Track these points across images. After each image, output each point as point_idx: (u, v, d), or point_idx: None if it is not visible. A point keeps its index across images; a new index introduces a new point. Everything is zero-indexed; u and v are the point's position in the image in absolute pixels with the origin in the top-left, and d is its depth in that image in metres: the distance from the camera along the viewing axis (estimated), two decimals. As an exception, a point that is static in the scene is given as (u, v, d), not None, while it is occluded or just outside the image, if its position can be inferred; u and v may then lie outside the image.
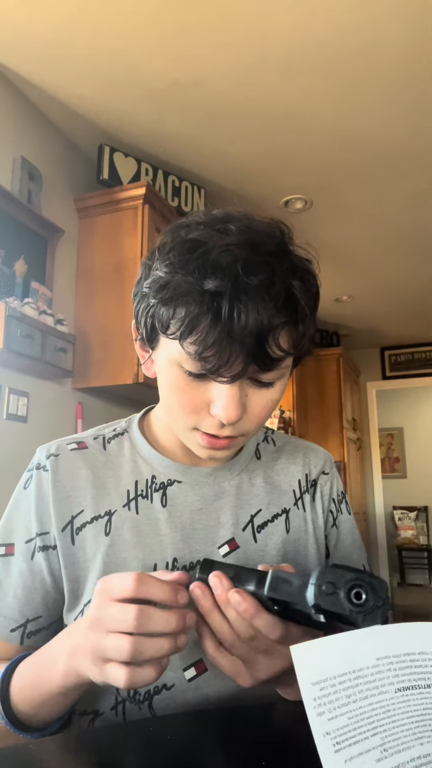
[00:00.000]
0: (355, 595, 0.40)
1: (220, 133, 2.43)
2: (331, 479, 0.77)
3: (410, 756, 0.34)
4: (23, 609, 0.64)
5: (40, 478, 0.66)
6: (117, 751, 0.50)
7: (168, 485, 0.68)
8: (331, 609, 0.40)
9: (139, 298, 0.61)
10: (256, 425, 0.60)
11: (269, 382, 0.58)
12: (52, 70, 2.07)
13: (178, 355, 0.56)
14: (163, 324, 0.56)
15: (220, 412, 0.56)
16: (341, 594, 0.41)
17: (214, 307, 0.52)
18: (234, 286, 0.52)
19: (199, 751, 0.48)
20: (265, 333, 0.53)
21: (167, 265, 0.55)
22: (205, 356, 0.53)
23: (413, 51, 1.96)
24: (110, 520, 0.65)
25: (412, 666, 0.37)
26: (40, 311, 2.02)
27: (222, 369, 0.53)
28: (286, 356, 0.56)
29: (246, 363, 0.54)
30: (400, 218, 3.13)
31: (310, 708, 0.34)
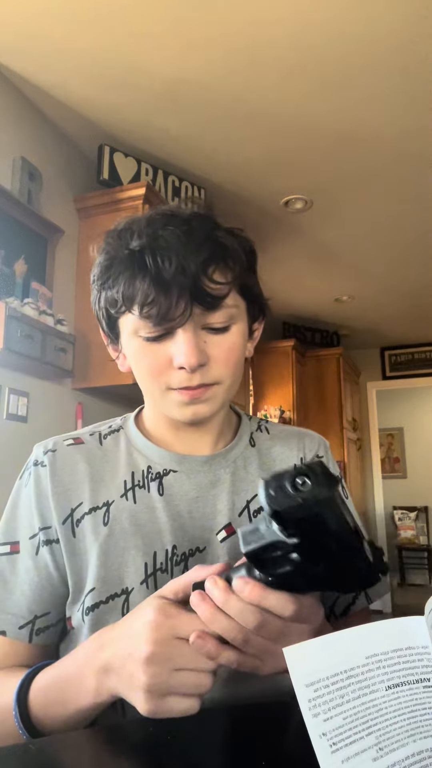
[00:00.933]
0: (300, 483, 0.39)
1: (220, 133, 2.43)
2: (327, 463, 0.77)
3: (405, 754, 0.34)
4: (31, 606, 0.64)
5: (38, 474, 0.67)
6: (117, 751, 0.50)
7: (164, 475, 0.69)
8: (286, 506, 0.39)
9: (94, 299, 0.67)
10: (225, 370, 0.63)
11: (222, 326, 0.62)
12: (52, 70, 2.07)
13: (133, 325, 0.61)
14: (112, 303, 0.62)
15: (182, 360, 0.59)
16: (288, 489, 0.40)
17: (140, 263, 0.58)
18: (153, 239, 0.58)
19: (199, 751, 0.48)
20: (195, 270, 0.57)
21: (102, 252, 0.64)
22: (148, 311, 0.58)
23: (413, 51, 1.96)
24: (108, 510, 0.66)
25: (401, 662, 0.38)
26: (40, 311, 2.02)
27: (167, 316, 0.58)
28: (224, 290, 0.60)
29: (187, 303, 0.58)
30: (400, 218, 3.13)
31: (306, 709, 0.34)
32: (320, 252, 3.55)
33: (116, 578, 0.63)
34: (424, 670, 0.38)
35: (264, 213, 3.05)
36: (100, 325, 0.69)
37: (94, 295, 0.66)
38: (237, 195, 2.89)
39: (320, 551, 0.44)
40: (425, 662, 0.38)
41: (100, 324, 0.68)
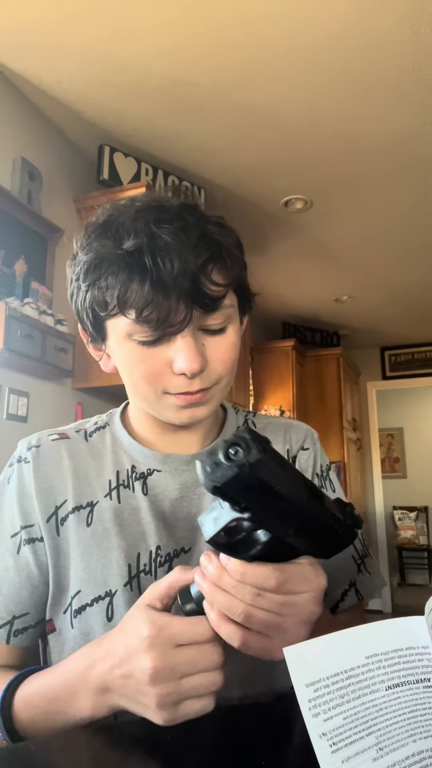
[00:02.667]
0: (233, 453, 0.39)
1: (220, 133, 2.43)
2: (313, 454, 0.75)
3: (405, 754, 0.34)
4: (9, 606, 0.62)
5: (21, 470, 0.66)
6: (117, 751, 0.50)
7: (148, 474, 0.68)
8: (223, 480, 0.38)
9: (74, 296, 0.62)
10: (224, 371, 0.61)
11: (220, 327, 0.60)
12: (52, 70, 2.07)
13: (126, 328, 0.57)
14: (101, 305, 0.58)
15: (183, 365, 0.57)
16: (223, 462, 0.39)
17: (138, 264, 0.54)
18: (150, 239, 0.54)
19: (199, 751, 0.48)
20: (195, 272, 0.55)
21: (87, 250, 0.59)
22: (147, 316, 0.54)
23: (414, 51, 1.96)
24: (92, 510, 0.64)
25: (401, 662, 0.38)
26: (40, 311, 2.02)
27: (168, 320, 0.55)
28: (223, 291, 0.58)
29: (188, 307, 0.55)
30: (400, 218, 3.13)
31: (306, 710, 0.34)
32: (320, 252, 3.55)
33: (100, 580, 0.61)
34: (424, 670, 0.38)
35: (264, 213, 3.05)
36: (81, 324, 0.64)
37: (76, 294, 0.62)
38: (237, 195, 2.89)
39: (278, 519, 0.43)
40: (425, 662, 0.38)
41: (82, 323, 0.64)
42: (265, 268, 3.70)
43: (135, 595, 0.61)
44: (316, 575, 0.47)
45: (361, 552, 0.74)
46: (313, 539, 0.46)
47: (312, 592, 0.46)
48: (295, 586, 0.45)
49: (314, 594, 0.46)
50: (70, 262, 0.63)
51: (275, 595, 0.45)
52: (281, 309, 4.60)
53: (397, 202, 2.97)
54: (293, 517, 0.43)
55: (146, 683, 0.45)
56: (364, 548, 0.74)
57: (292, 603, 0.45)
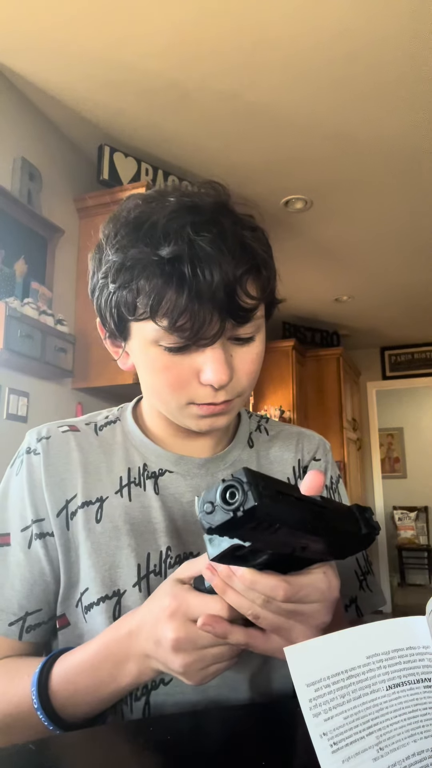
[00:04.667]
0: (230, 495, 0.38)
1: (220, 133, 2.43)
2: (324, 465, 0.75)
3: (405, 754, 0.34)
4: (22, 602, 0.61)
5: (30, 462, 0.64)
6: (117, 751, 0.50)
7: (160, 474, 0.66)
8: (219, 522, 0.38)
9: (98, 292, 0.60)
10: (248, 383, 0.60)
11: (248, 337, 0.59)
12: (52, 70, 2.07)
13: (154, 334, 0.55)
14: (130, 308, 0.55)
15: (212, 377, 0.55)
16: (219, 504, 0.38)
17: (177, 273, 0.52)
18: (190, 247, 0.52)
19: (199, 751, 0.48)
20: (233, 285, 0.53)
21: (118, 248, 0.56)
22: (180, 325, 0.53)
23: (413, 51, 1.96)
24: (101, 506, 0.63)
25: (401, 662, 0.38)
26: (40, 311, 2.02)
27: (201, 332, 0.53)
28: (257, 304, 0.57)
29: (222, 320, 0.54)
30: (400, 218, 3.13)
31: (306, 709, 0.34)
32: (320, 252, 3.55)
33: (107, 579, 0.61)
34: (424, 669, 0.38)
35: (264, 213, 3.04)
36: (101, 319, 0.62)
37: (99, 290, 0.59)
38: (237, 195, 2.87)
39: (282, 546, 0.43)
40: (426, 662, 0.38)
41: (103, 320, 0.61)
42: (265, 268, 3.69)
43: (144, 595, 0.60)
44: (329, 587, 0.46)
45: (364, 569, 0.73)
46: (323, 553, 0.46)
47: (323, 602, 0.46)
48: (306, 597, 0.45)
49: (325, 605, 0.46)
50: (93, 255, 0.61)
51: (284, 603, 0.45)
52: (281, 309, 4.52)
53: (397, 202, 2.97)
54: (298, 543, 0.43)
55: (170, 652, 0.48)
56: (367, 565, 0.74)
57: (301, 612, 0.45)
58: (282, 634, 0.47)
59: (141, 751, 0.48)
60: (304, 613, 0.46)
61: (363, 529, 0.47)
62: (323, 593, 0.46)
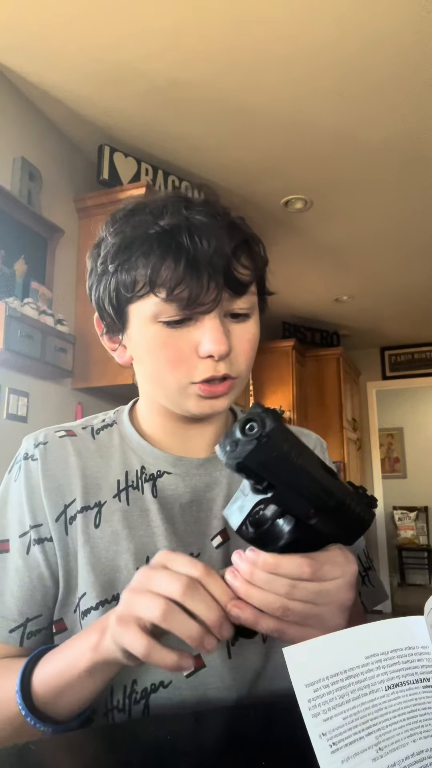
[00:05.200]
0: (249, 428, 0.41)
1: (220, 133, 2.43)
2: None
3: (404, 754, 0.34)
4: (22, 608, 0.61)
5: (29, 468, 0.64)
6: (117, 751, 0.50)
7: (158, 476, 0.66)
8: (244, 454, 0.41)
9: (96, 283, 0.62)
10: (245, 364, 0.62)
11: (244, 313, 0.61)
12: (52, 70, 2.07)
13: (153, 308, 0.57)
14: (129, 287, 0.58)
15: (211, 347, 0.57)
16: (241, 439, 0.41)
17: (174, 242, 0.55)
18: (186, 219, 0.56)
19: (199, 751, 0.48)
20: (228, 254, 0.56)
21: (116, 232, 0.59)
22: (178, 294, 0.55)
23: (413, 51, 1.96)
24: (100, 511, 0.63)
25: (400, 662, 0.38)
26: (40, 311, 2.02)
27: (198, 299, 0.55)
28: (251, 277, 0.60)
29: (219, 288, 0.56)
30: (401, 218, 3.13)
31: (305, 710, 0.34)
32: (320, 252, 3.55)
33: (106, 583, 0.60)
34: (423, 670, 0.38)
35: (264, 213, 3.05)
36: (99, 313, 0.64)
37: (97, 281, 0.62)
38: (237, 195, 2.88)
39: (299, 494, 0.44)
40: (425, 662, 0.38)
41: (101, 312, 0.63)
42: (265, 268, 3.69)
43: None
44: (347, 560, 0.47)
45: (366, 564, 0.73)
46: (335, 520, 0.46)
47: (345, 577, 0.46)
48: (328, 573, 0.46)
49: (347, 579, 0.47)
50: (92, 252, 0.63)
51: (310, 584, 0.45)
52: (281, 309, 4.60)
53: (398, 202, 2.97)
54: (313, 491, 0.44)
55: (125, 591, 0.47)
56: (368, 560, 0.74)
57: (327, 591, 0.45)
58: (312, 622, 0.46)
59: (141, 751, 0.48)
60: (330, 591, 0.45)
61: (364, 498, 0.49)
62: (343, 567, 0.46)
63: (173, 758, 0.46)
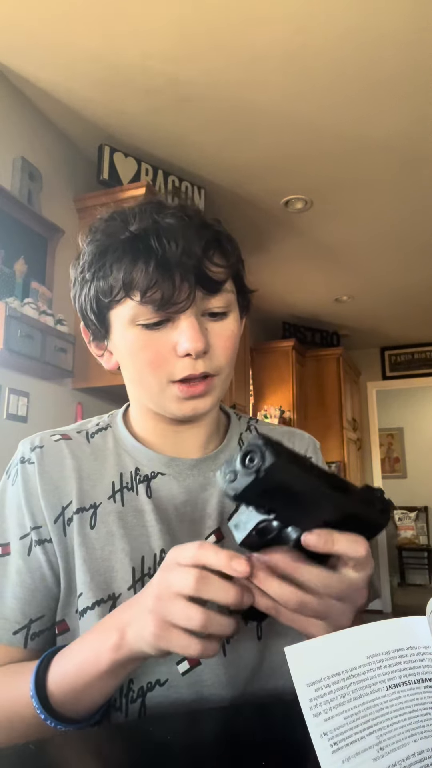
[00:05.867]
0: (249, 460, 0.41)
1: (220, 133, 2.43)
2: (316, 463, 0.76)
3: (405, 754, 0.34)
4: (25, 609, 0.61)
5: (26, 471, 0.65)
6: (117, 751, 0.50)
7: (152, 477, 0.67)
8: (243, 486, 0.40)
9: (78, 291, 0.65)
10: (225, 360, 0.63)
11: (221, 311, 0.62)
12: (52, 70, 2.07)
13: (130, 312, 0.59)
14: (105, 292, 0.60)
15: (187, 345, 0.58)
16: (240, 470, 0.41)
17: (144, 246, 0.57)
18: (155, 223, 0.59)
19: (199, 751, 0.48)
20: (199, 254, 0.58)
21: (91, 241, 0.62)
22: (152, 295, 0.57)
23: (414, 52, 1.96)
24: (95, 513, 0.64)
25: (402, 662, 0.38)
26: (40, 311, 2.02)
27: (172, 299, 0.57)
28: (224, 275, 0.61)
29: (191, 287, 0.57)
30: (401, 218, 3.13)
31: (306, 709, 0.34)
32: (320, 252, 3.55)
33: (102, 583, 0.61)
34: (425, 670, 0.38)
35: (264, 213, 3.05)
36: (84, 322, 0.67)
37: (79, 290, 0.64)
38: (237, 195, 2.88)
39: (304, 516, 0.44)
40: (426, 662, 0.38)
41: (85, 320, 0.66)
42: (265, 268, 3.70)
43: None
44: (368, 558, 0.46)
45: None
46: (345, 528, 0.46)
47: (366, 572, 0.46)
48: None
49: (367, 574, 0.47)
50: (74, 263, 0.65)
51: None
52: (281, 309, 4.60)
53: (398, 202, 2.97)
54: (319, 512, 0.44)
55: (150, 595, 0.47)
56: None
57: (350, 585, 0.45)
58: (321, 617, 0.45)
59: (140, 751, 0.48)
60: (351, 585, 0.45)
61: (377, 504, 0.48)
62: (364, 565, 0.46)
63: (173, 758, 0.46)
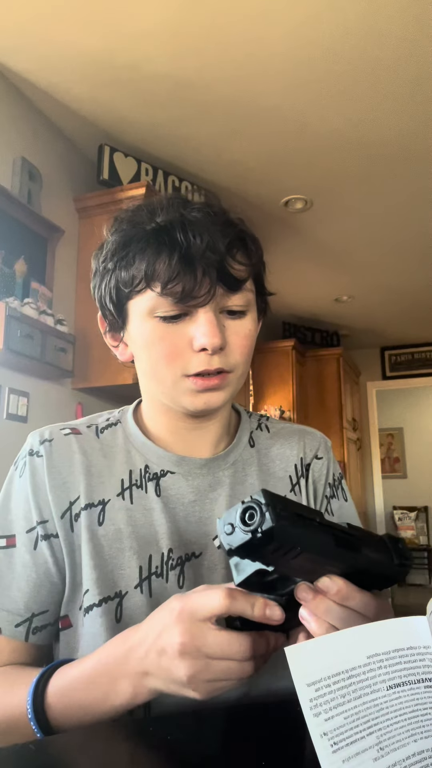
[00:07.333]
0: (249, 516, 0.39)
1: (220, 133, 2.43)
2: (327, 463, 0.75)
3: (405, 754, 0.34)
4: (29, 603, 0.61)
5: (34, 464, 0.65)
6: (117, 751, 0.50)
7: (161, 476, 0.67)
8: (239, 543, 0.38)
9: (99, 281, 0.65)
10: (242, 358, 0.62)
11: (240, 310, 0.62)
12: (52, 70, 2.07)
13: (150, 303, 0.59)
14: (126, 282, 0.60)
15: (204, 340, 0.58)
16: (239, 525, 0.39)
17: (169, 238, 0.57)
18: (182, 216, 0.59)
19: (199, 751, 0.48)
20: (222, 250, 0.58)
21: (116, 231, 0.63)
22: (173, 287, 0.57)
23: (414, 52, 1.96)
24: (104, 509, 0.63)
25: (402, 662, 0.38)
26: (40, 311, 2.02)
27: (192, 293, 0.57)
28: (246, 273, 0.61)
29: (212, 282, 0.58)
30: (400, 218, 3.13)
31: (307, 709, 0.34)
32: (320, 252, 3.55)
33: (110, 581, 0.61)
34: (425, 670, 0.38)
35: (264, 213, 3.05)
36: (102, 312, 0.66)
37: (100, 279, 0.64)
38: (237, 195, 2.88)
39: (307, 573, 0.42)
40: (426, 662, 0.38)
41: (104, 310, 0.66)
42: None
43: (146, 597, 0.60)
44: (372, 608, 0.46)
45: None
46: (354, 581, 0.44)
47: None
48: None
49: None
50: (96, 253, 0.66)
51: None
52: (281, 309, 4.60)
53: (397, 203, 2.97)
54: (324, 568, 0.42)
55: (176, 657, 0.45)
56: None
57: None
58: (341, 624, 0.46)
59: (141, 751, 0.48)
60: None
61: (395, 559, 0.45)
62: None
63: (173, 758, 0.46)
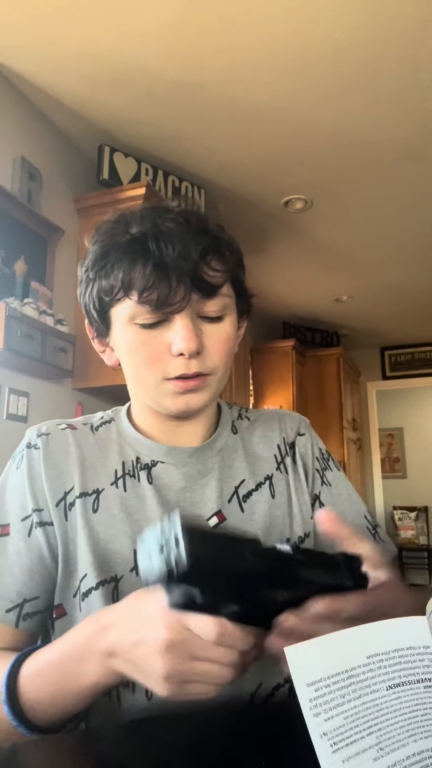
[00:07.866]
0: (160, 550, 0.37)
1: (220, 133, 2.43)
2: (311, 439, 0.78)
3: (405, 754, 0.34)
4: (21, 589, 0.62)
5: (31, 456, 0.68)
6: (117, 751, 0.50)
7: (152, 465, 0.70)
8: (149, 576, 0.38)
9: (83, 290, 0.67)
10: (220, 360, 0.65)
11: (217, 315, 0.64)
12: (52, 70, 2.07)
13: (130, 311, 0.62)
14: (107, 291, 0.63)
15: (181, 345, 0.60)
16: (155, 555, 0.38)
17: (142, 249, 0.60)
18: (154, 226, 0.61)
19: (199, 751, 0.48)
20: (195, 258, 0.60)
21: (96, 241, 0.65)
22: (149, 296, 0.59)
23: (414, 52, 1.96)
24: (98, 497, 0.66)
25: (402, 662, 0.38)
26: (40, 311, 2.02)
27: (167, 301, 0.59)
28: (221, 279, 0.62)
29: (187, 289, 0.60)
30: (401, 218, 3.13)
31: (306, 709, 0.34)
32: (320, 252, 3.55)
33: (105, 565, 0.63)
34: (425, 670, 0.38)
35: (264, 213, 3.05)
36: (88, 318, 0.69)
37: (84, 288, 0.67)
38: (237, 195, 2.88)
39: (238, 600, 0.40)
40: (426, 662, 0.38)
41: (89, 316, 0.68)
42: (265, 268, 3.70)
43: (140, 580, 0.61)
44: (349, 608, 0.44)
45: (372, 522, 0.76)
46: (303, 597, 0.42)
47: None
48: None
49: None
50: (81, 261, 0.68)
51: None
52: (281, 309, 4.60)
53: (398, 203, 2.97)
54: (262, 596, 0.40)
55: (158, 651, 0.43)
56: (373, 518, 0.77)
57: None
58: None
59: (141, 751, 0.48)
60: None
61: (347, 581, 0.43)
62: None
63: (173, 758, 0.46)
